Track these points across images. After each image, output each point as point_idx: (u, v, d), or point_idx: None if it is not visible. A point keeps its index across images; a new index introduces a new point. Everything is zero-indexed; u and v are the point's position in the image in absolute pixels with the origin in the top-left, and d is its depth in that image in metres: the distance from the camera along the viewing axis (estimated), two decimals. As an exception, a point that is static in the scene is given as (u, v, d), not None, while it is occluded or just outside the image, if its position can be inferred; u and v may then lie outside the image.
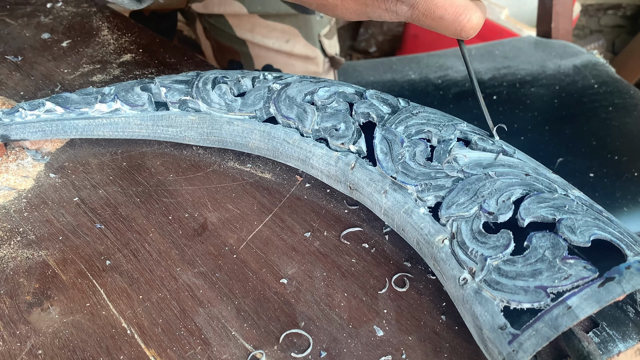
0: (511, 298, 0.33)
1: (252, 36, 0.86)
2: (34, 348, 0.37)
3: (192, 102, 0.49)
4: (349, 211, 0.46)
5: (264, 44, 0.86)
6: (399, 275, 0.41)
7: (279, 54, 0.87)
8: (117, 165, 0.50)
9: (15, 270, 0.42)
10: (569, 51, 1.03)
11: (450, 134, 0.43)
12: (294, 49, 0.86)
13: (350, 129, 0.45)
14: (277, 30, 0.85)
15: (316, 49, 0.88)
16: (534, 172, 0.40)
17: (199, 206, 0.47)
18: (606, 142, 0.86)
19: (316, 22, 0.86)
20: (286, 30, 0.85)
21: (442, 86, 0.98)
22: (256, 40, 0.86)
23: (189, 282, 0.41)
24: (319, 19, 0.87)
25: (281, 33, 0.85)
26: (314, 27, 0.86)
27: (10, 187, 0.48)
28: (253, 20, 0.84)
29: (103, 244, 0.44)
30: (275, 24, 0.84)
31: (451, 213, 0.38)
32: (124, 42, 0.67)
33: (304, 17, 0.85)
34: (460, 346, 0.37)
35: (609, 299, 0.31)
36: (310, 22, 0.86)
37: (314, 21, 0.86)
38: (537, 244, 0.35)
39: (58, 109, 0.50)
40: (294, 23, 0.84)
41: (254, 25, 0.85)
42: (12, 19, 0.70)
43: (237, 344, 0.37)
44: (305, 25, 0.85)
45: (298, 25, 0.85)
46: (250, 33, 0.86)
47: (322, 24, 0.88)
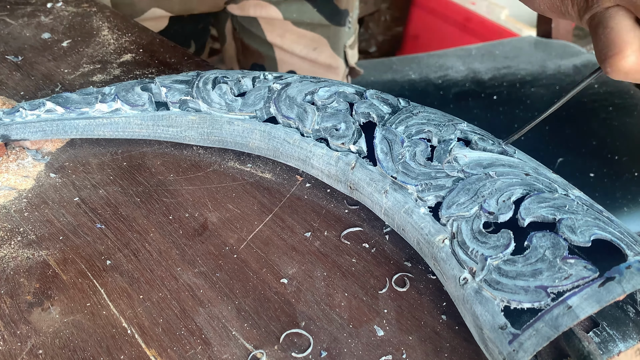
0: (511, 298, 0.33)
1: (281, 41, 0.87)
2: (35, 348, 0.37)
3: (192, 102, 0.49)
4: (349, 211, 0.46)
5: (291, 49, 0.88)
6: (399, 275, 0.41)
7: (304, 61, 0.89)
8: (118, 165, 0.50)
9: (16, 270, 0.42)
10: (569, 51, 1.03)
11: (451, 133, 0.43)
12: (320, 57, 0.88)
13: (350, 129, 0.45)
14: (306, 38, 0.87)
15: (340, 59, 0.90)
16: (534, 172, 0.40)
17: (199, 206, 0.47)
18: (606, 142, 0.86)
19: (344, 33, 0.88)
20: (315, 39, 0.87)
21: (442, 86, 0.98)
22: (285, 45, 0.87)
23: (189, 282, 0.41)
24: (347, 30, 0.88)
25: (310, 41, 0.87)
26: (342, 38, 0.88)
27: (11, 187, 0.48)
28: (285, 26, 0.86)
29: (103, 244, 0.44)
30: (306, 31, 0.86)
31: (451, 213, 0.38)
32: (124, 42, 0.67)
33: (335, 28, 0.87)
34: (461, 346, 0.37)
35: (609, 299, 0.31)
36: (340, 33, 0.87)
37: (343, 32, 0.88)
38: (537, 244, 0.35)
39: (58, 108, 0.50)
40: (324, 33, 0.86)
41: (285, 31, 0.86)
42: (12, 18, 0.70)
43: (238, 343, 0.37)
44: (335, 36, 0.87)
45: (328, 35, 0.87)
46: (280, 38, 0.87)
47: (349, 35, 0.89)
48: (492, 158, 0.41)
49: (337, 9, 0.85)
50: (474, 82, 0.98)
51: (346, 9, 0.86)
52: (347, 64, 0.91)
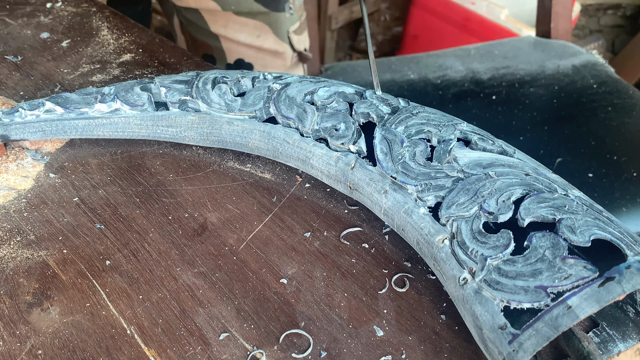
0: (511, 298, 0.33)
1: (225, 31, 0.90)
2: (34, 348, 0.37)
3: (192, 102, 0.49)
4: (349, 211, 0.46)
5: (236, 38, 0.90)
6: (399, 275, 0.41)
7: (250, 49, 0.92)
8: (117, 165, 0.50)
9: (15, 270, 0.42)
10: (569, 51, 1.03)
11: (450, 134, 0.43)
12: (264, 44, 0.91)
13: (350, 129, 0.45)
14: (249, 26, 0.89)
15: (285, 45, 0.92)
16: (534, 172, 0.40)
17: (199, 206, 0.47)
18: (605, 142, 0.86)
19: (285, 19, 0.91)
20: (257, 26, 0.90)
21: (441, 86, 0.98)
22: (229, 35, 0.90)
23: (189, 282, 0.41)
24: (289, 17, 0.91)
25: (253, 29, 0.90)
26: (284, 24, 0.91)
27: (10, 187, 0.48)
28: (227, 17, 0.89)
29: (103, 244, 0.44)
30: (247, 20, 0.89)
31: (451, 213, 0.38)
32: (123, 42, 0.67)
33: (274, 14, 0.89)
34: (460, 346, 0.37)
35: (609, 299, 0.31)
36: (280, 19, 0.90)
37: (284, 18, 0.90)
38: (537, 244, 0.35)
39: (58, 109, 0.50)
40: (265, 20, 0.89)
41: (228, 21, 0.89)
42: (12, 18, 0.70)
43: (237, 344, 0.37)
44: (276, 22, 0.90)
45: (269, 22, 0.89)
46: (223, 28, 0.90)
47: (292, 21, 0.92)
48: (491, 158, 0.41)
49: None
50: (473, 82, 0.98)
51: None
52: (294, 49, 0.94)
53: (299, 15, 0.93)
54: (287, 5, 0.90)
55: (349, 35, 2.14)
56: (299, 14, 0.93)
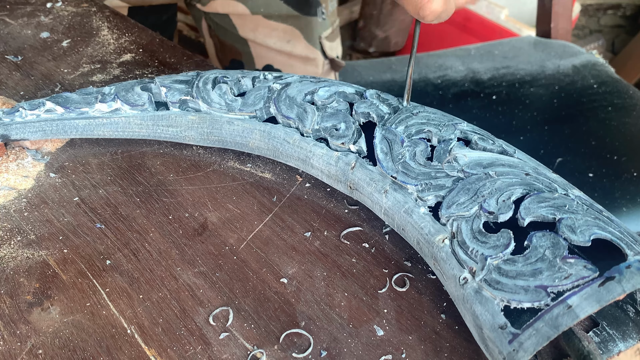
0: (511, 297, 0.33)
1: (254, 36, 0.87)
2: (34, 348, 0.37)
3: (192, 101, 0.49)
4: (349, 211, 0.46)
5: (265, 43, 0.87)
6: (399, 275, 0.41)
7: (280, 54, 0.88)
8: (117, 165, 0.50)
9: (16, 270, 0.42)
10: (569, 51, 1.03)
11: (451, 133, 0.43)
12: (295, 49, 0.88)
13: (350, 129, 0.45)
14: (279, 31, 0.86)
15: (316, 51, 0.89)
16: (534, 171, 0.40)
17: (199, 206, 0.47)
18: (605, 142, 0.86)
19: (318, 24, 0.87)
20: (288, 30, 0.86)
21: (442, 86, 0.98)
22: (258, 39, 0.87)
23: (189, 281, 0.41)
24: (321, 21, 0.88)
25: (283, 33, 0.86)
26: (315, 29, 0.87)
27: (11, 186, 0.48)
28: (256, 21, 0.86)
29: (103, 244, 0.44)
30: (277, 24, 0.86)
31: (451, 213, 0.38)
32: (123, 41, 0.67)
33: (305, 18, 0.86)
34: (461, 346, 0.37)
35: (609, 299, 0.31)
36: (312, 23, 0.87)
37: (316, 23, 0.87)
38: (537, 244, 0.35)
39: (58, 108, 0.50)
40: (295, 24, 0.86)
41: (257, 25, 0.86)
42: (12, 18, 0.70)
43: (238, 343, 0.37)
44: (307, 27, 0.87)
45: (300, 26, 0.86)
46: (252, 33, 0.87)
47: (324, 26, 0.89)
48: (492, 158, 0.41)
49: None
50: (473, 82, 0.98)
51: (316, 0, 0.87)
52: (326, 55, 0.90)
53: (332, 21, 0.90)
54: (320, 10, 0.87)
55: (349, 35, 2.14)
56: (331, 20, 0.90)
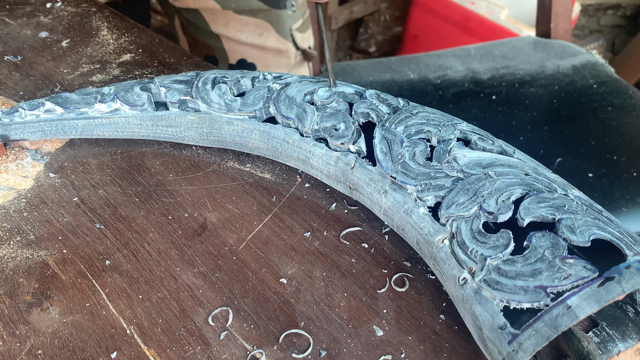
0: (511, 298, 0.33)
1: (226, 31, 0.89)
2: (34, 348, 0.37)
3: (191, 102, 0.49)
4: (348, 211, 0.46)
5: (237, 38, 0.89)
6: (398, 275, 0.41)
7: (252, 48, 0.90)
8: (117, 165, 0.50)
9: (15, 270, 0.42)
10: (568, 51, 1.03)
11: (450, 133, 0.43)
12: (267, 42, 0.89)
13: (349, 129, 0.45)
14: (250, 25, 0.88)
15: (288, 43, 0.91)
16: (534, 172, 0.40)
17: (199, 206, 0.47)
18: (605, 142, 0.86)
19: (288, 16, 0.89)
20: (259, 24, 0.88)
21: (441, 86, 0.98)
22: (230, 34, 0.89)
23: (188, 282, 0.41)
24: (291, 14, 0.90)
25: (254, 27, 0.88)
26: (286, 22, 0.89)
27: (10, 187, 0.48)
28: (227, 16, 0.87)
29: (103, 244, 0.44)
30: (248, 18, 0.87)
31: (451, 213, 0.38)
32: (123, 42, 0.67)
33: (276, 12, 0.88)
34: (460, 346, 0.37)
35: (609, 299, 0.31)
36: (282, 16, 0.89)
37: (286, 16, 0.89)
38: (536, 244, 0.35)
39: (58, 109, 0.50)
40: (266, 18, 0.87)
41: (228, 20, 0.88)
42: (12, 18, 0.70)
43: (237, 343, 0.37)
44: (278, 20, 0.88)
45: (270, 19, 0.88)
46: (224, 28, 0.89)
47: (294, 18, 0.91)
48: (491, 158, 0.41)
49: None
50: (473, 82, 0.98)
51: None
52: (297, 47, 0.92)
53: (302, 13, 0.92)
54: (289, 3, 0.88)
55: (349, 35, 2.14)
56: (301, 11, 0.91)
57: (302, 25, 0.92)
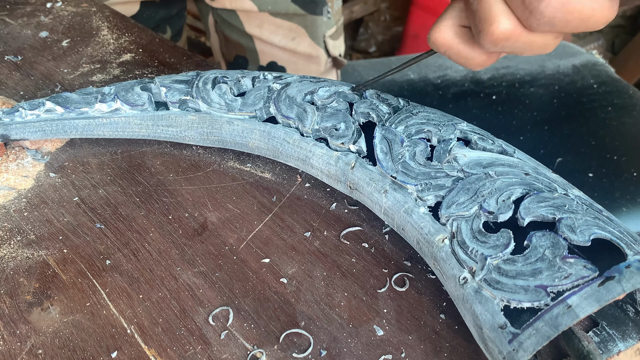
0: (511, 297, 0.33)
1: (260, 32, 0.88)
2: (34, 348, 0.37)
3: (192, 101, 0.49)
4: (349, 211, 0.46)
5: (270, 40, 0.89)
6: (399, 274, 0.41)
7: (284, 52, 0.90)
8: (117, 165, 0.50)
9: (16, 269, 0.42)
10: (568, 51, 1.03)
11: (450, 133, 0.43)
12: (299, 47, 0.89)
13: (350, 129, 0.45)
14: (284, 28, 0.88)
15: (320, 49, 0.90)
16: (534, 171, 0.40)
17: (199, 206, 0.47)
18: (605, 142, 0.86)
19: (323, 22, 0.89)
20: (293, 28, 0.88)
21: (442, 86, 0.98)
22: (264, 36, 0.88)
23: (189, 281, 0.41)
24: (326, 20, 0.89)
25: (288, 31, 0.88)
26: (320, 28, 0.89)
27: (10, 186, 0.48)
28: (262, 17, 0.87)
29: (103, 244, 0.44)
30: (283, 21, 0.87)
31: (451, 212, 0.38)
32: (123, 41, 0.67)
33: (311, 17, 0.88)
34: (460, 345, 0.37)
35: (609, 298, 0.31)
36: (317, 22, 0.88)
37: (321, 22, 0.89)
38: (537, 243, 0.35)
39: (58, 108, 0.50)
40: (301, 22, 0.87)
41: (263, 21, 0.88)
42: (12, 18, 0.70)
43: (237, 343, 0.37)
44: (312, 25, 0.88)
45: (305, 24, 0.88)
46: (258, 29, 0.89)
47: (329, 25, 0.90)
48: (491, 158, 0.41)
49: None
50: (473, 82, 0.98)
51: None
52: (329, 54, 0.92)
53: (336, 20, 0.92)
54: (326, 9, 0.88)
55: (349, 35, 2.14)
56: (336, 19, 0.91)
57: (335, 33, 0.92)
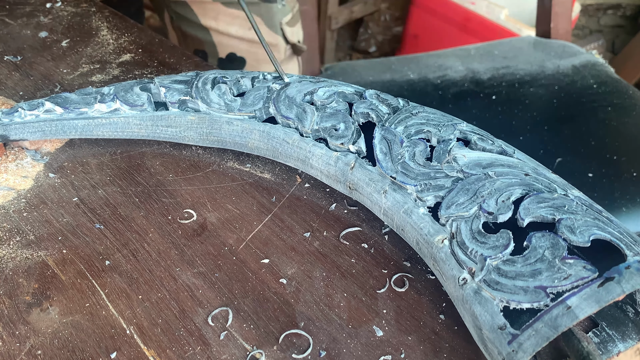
0: (511, 298, 0.33)
1: (216, 24, 0.88)
2: (34, 348, 0.37)
3: (191, 102, 0.49)
4: (348, 211, 0.46)
5: (227, 31, 0.89)
6: (398, 275, 0.41)
7: (242, 42, 0.90)
8: (117, 165, 0.50)
9: (15, 270, 0.42)
10: (568, 51, 1.03)
11: (450, 134, 0.43)
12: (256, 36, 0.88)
13: (349, 129, 0.45)
14: (240, 18, 0.88)
15: (277, 36, 0.90)
16: (534, 172, 0.40)
17: (199, 206, 0.47)
18: (605, 142, 0.86)
19: (278, 10, 0.89)
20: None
21: (441, 86, 0.98)
22: (220, 27, 0.88)
23: (188, 282, 0.41)
24: (281, 7, 0.89)
25: (244, 21, 0.88)
26: (276, 15, 0.89)
27: (10, 187, 0.48)
28: (217, 9, 0.87)
29: (102, 244, 0.44)
30: (238, 12, 0.87)
31: (451, 213, 0.38)
32: (123, 42, 0.67)
33: (266, 5, 0.88)
34: (460, 346, 0.37)
35: (609, 299, 0.31)
36: (272, 10, 0.88)
37: (276, 9, 0.89)
38: (536, 244, 0.35)
39: (57, 109, 0.50)
40: (256, 11, 0.87)
41: (218, 13, 0.88)
42: (12, 18, 0.70)
43: (237, 344, 0.37)
44: (267, 13, 0.88)
45: (260, 13, 0.88)
46: (214, 21, 0.88)
47: (284, 12, 0.90)
48: (491, 158, 0.41)
49: None
50: (473, 82, 0.98)
51: None
52: (287, 40, 0.92)
53: (292, 7, 0.92)
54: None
55: (349, 35, 2.14)
56: (291, 5, 0.91)
57: (291, 19, 0.92)
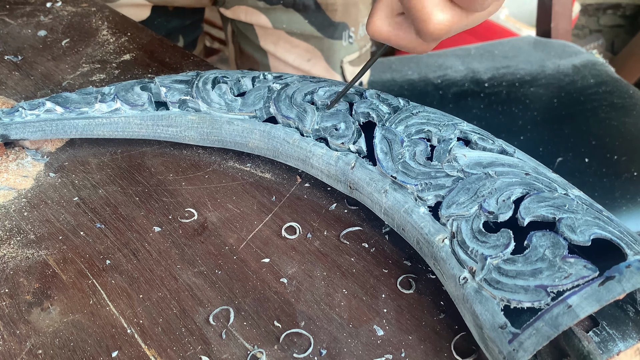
0: (511, 297, 0.33)
1: (275, 49, 0.86)
2: (34, 348, 0.37)
3: (192, 101, 0.49)
4: (349, 211, 0.46)
5: (284, 58, 0.86)
6: (403, 277, 0.41)
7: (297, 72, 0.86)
8: (117, 165, 0.50)
9: (15, 269, 0.42)
10: (568, 51, 1.03)
11: (451, 133, 0.43)
12: (313, 69, 0.86)
13: (350, 129, 0.45)
14: (300, 48, 0.85)
15: (335, 74, 0.87)
16: (534, 171, 0.40)
17: (199, 206, 0.47)
18: (605, 141, 0.86)
19: (342, 47, 0.86)
20: (309, 49, 0.85)
21: (442, 86, 0.98)
22: (278, 53, 0.86)
23: (189, 281, 0.41)
24: (346, 45, 0.86)
25: (304, 51, 0.85)
26: (338, 52, 0.86)
27: (10, 186, 0.48)
28: (279, 35, 0.84)
29: (103, 244, 0.44)
30: (299, 41, 0.84)
31: (451, 212, 0.38)
32: (123, 41, 0.67)
33: (328, 41, 0.84)
34: (461, 345, 0.37)
35: (609, 298, 0.31)
36: (335, 46, 0.85)
37: (339, 46, 0.85)
38: (537, 243, 0.35)
39: (58, 108, 0.50)
40: (317, 45, 0.84)
41: (279, 39, 0.85)
42: (12, 18, 0.70)
43: (237, 343, 0.37)
44: (329, 49, 0.85)
45: (321, 47, 0.85)
46: (273, 45, 0.86)
47: (349, 50, 0.87)
48: (491, 157, 0.41)
49: (329, 21, 0.83)
50: (473, 82, 0.98)
51: (343, 22, 0.84)
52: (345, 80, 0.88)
53: (360, 46, 0.88)
54: (347, 34, 0.84)
55: (349, 35, 2.14)
56: (360, 44, 0.87)
57: (356, 59, 0.88)
